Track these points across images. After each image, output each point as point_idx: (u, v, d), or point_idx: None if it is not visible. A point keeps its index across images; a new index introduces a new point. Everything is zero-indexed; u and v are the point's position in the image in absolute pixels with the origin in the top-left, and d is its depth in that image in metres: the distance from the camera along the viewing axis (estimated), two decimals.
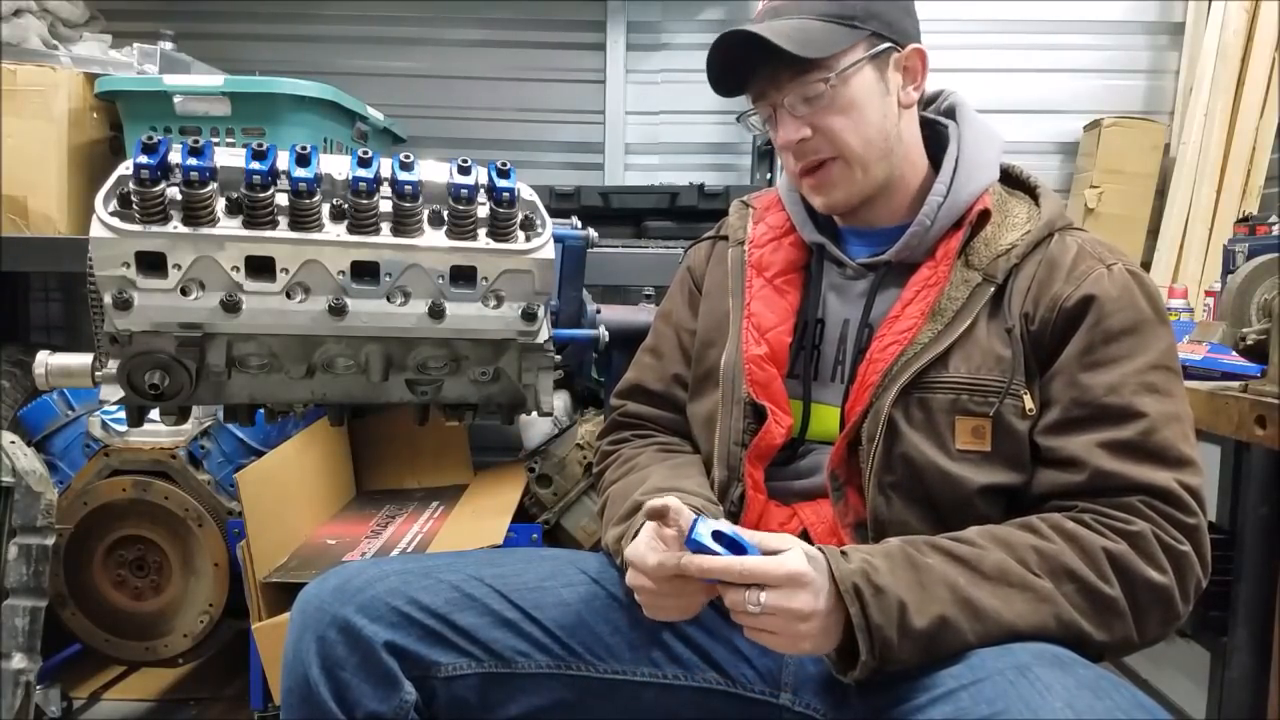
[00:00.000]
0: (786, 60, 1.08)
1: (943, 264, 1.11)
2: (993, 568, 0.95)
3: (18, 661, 1.61)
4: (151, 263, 1.10)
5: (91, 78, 2.02)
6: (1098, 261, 1.08)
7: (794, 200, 1.23)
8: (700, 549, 0.91)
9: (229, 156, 1.12)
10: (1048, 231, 1.11)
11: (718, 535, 0.91)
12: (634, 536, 1.07)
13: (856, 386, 1.10)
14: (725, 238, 1.29)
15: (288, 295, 1.14)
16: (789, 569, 0.89)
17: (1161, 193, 2.63)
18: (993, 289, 1.08)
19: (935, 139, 1.20)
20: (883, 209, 1.18)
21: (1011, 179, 1.20)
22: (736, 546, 0.91)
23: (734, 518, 1.13)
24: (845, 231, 1.22)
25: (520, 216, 1.21)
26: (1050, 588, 0.94)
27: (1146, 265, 2.62)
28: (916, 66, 1.14)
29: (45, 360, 1.23)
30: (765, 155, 2.62)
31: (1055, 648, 0.93)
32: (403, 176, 1.13)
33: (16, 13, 2.09)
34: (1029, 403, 1.05)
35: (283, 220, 1.13)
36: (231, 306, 1.12)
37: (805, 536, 1.09)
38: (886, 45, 1.12)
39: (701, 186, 2.30)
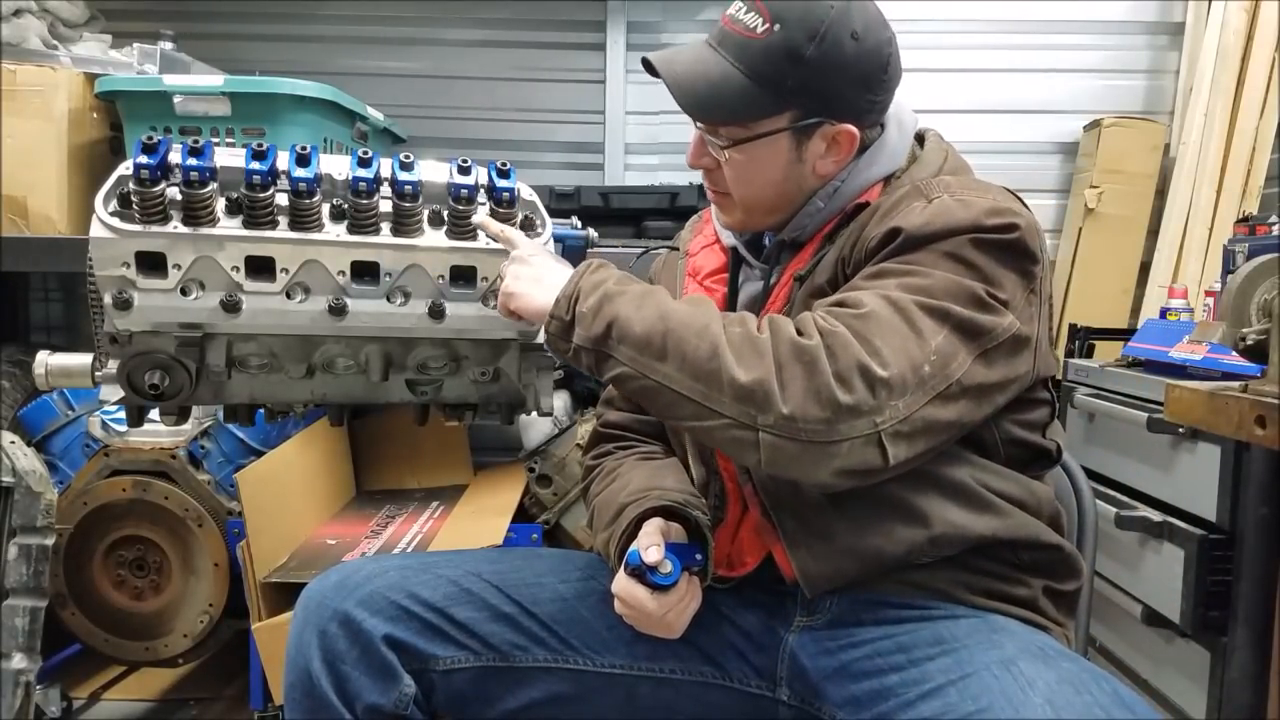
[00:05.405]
0: None
1: (811, 246, 1.12)
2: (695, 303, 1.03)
3: (18, 661, 1.62)
4: (151, 263, 1.10)
5: (91, 78, 2.02)
6: (922, 197, 1.03)
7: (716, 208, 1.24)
8: (639, 567, 1.03)
9: (229, 156, 1.12)
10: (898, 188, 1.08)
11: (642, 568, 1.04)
12: (620, 538, 1.09)
13: None
14: (677, 248, 1.31)
15: (288, 295, 1.14)
16: (521, 239, 1.13)
17: (1161, 193, 2.62)
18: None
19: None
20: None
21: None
22: (687, 552, 1.06)
23: (717, 511, 1.14)
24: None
25: (520, 216, 1.21)
26: (717, 317, 0.98)
27: (1146, 265, 2.62)
28: (844, 143, 1.08)
29: (45, 360, 1.23)
30: None
31: (1042, 641, 0.95)
32: (403, 176, 1.13)
33: (16, 13, 2.09)
34: None
35: (283, 220, 1.13)
36: (231, 306, 1.13)
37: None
38: (814, 120, 1.07)
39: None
